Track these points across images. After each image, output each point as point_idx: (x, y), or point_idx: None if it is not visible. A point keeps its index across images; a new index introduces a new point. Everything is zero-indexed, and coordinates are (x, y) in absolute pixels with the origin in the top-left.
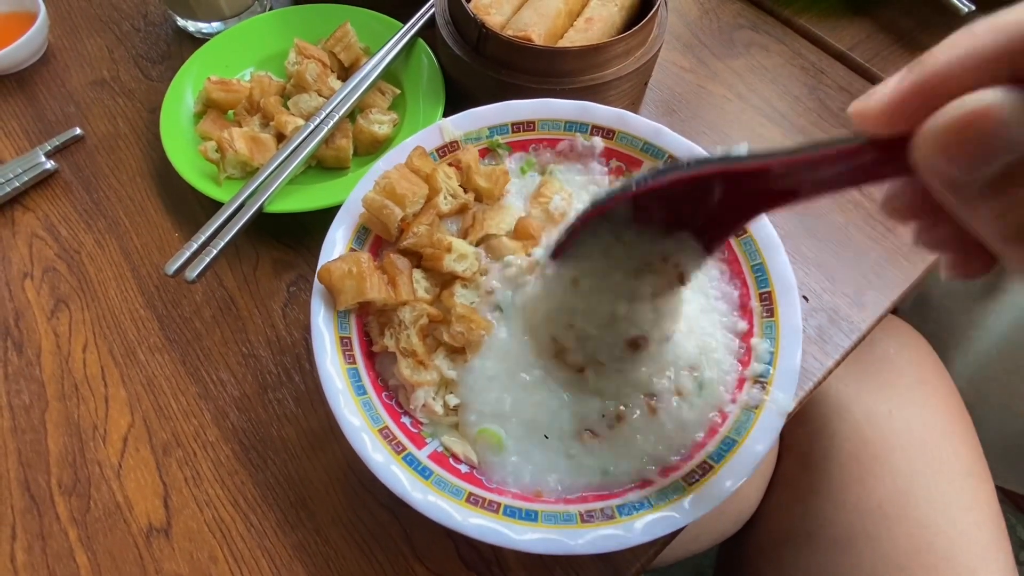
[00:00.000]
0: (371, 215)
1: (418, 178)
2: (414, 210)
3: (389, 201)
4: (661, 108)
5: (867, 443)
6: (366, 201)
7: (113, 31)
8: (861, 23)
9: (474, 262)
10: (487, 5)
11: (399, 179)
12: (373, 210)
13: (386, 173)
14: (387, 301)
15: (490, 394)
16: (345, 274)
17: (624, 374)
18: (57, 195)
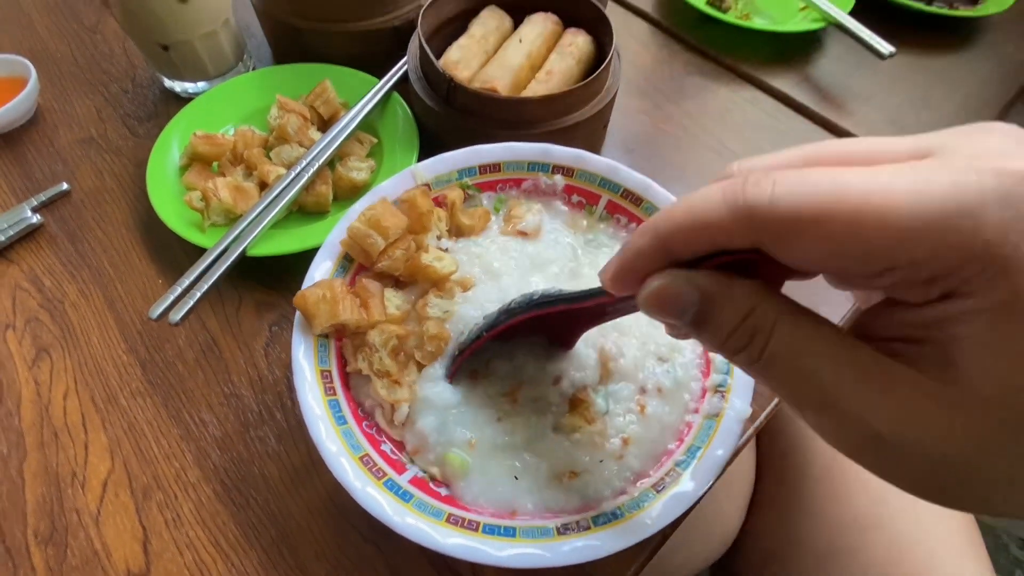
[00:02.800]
0: (354, 242)
1: (400, 213)
2: (394, 239)
3: (373, 231)
4: (621, 148)
5: (837, 458)
6: (351, 230)
7: (102, 93)
8: (796, 68)
9: (451, 262)
10: (455, 61)
11: (384, 213)
12: (358, 238)
13: (372, 206)
14: (359, 323)
15: (454, 427)
16: (319, 299)
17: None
18: (42, 247)
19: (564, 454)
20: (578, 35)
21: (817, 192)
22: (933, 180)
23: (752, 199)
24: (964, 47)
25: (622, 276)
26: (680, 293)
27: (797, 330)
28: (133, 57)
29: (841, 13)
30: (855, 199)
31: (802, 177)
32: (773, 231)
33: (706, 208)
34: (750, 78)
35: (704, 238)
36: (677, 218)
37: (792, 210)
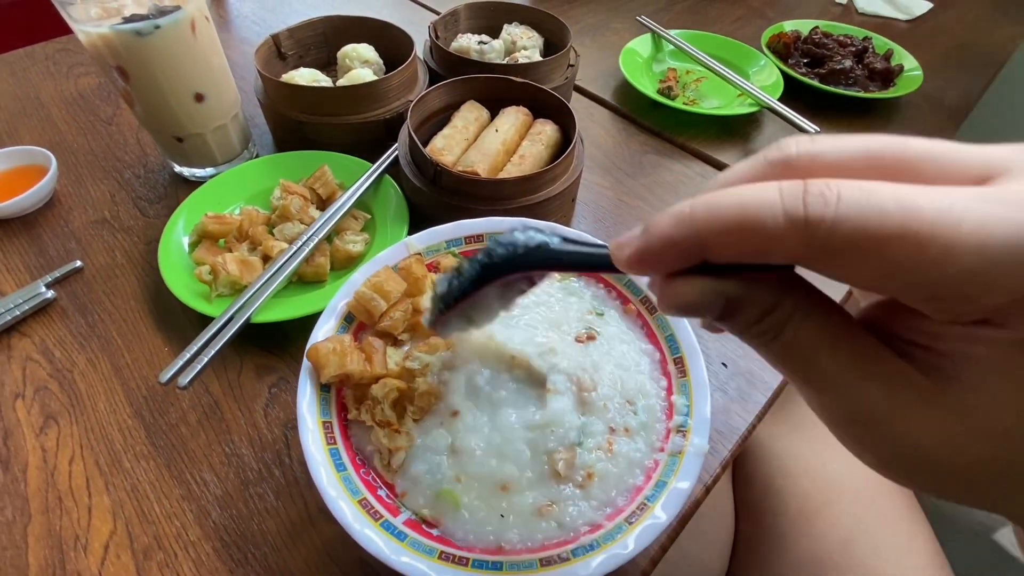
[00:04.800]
0: (359, 304)
1: (399, 278)
2: (394, 301)
3: (376, 295)
4: (589, 218)
5: (808, 497)
6: (358, 294)
7: (115, 178)
8: (738, 145)
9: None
10: (441, 148)
11: (386, 279)
12: (363, 301)
13: (377, 273)
14: (363, 374)
15: (447, 470)
16: (330, 351)
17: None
18: (54, 320)
19: (544, 487)
20: (546, 124)
21: (883, 215)
22: (1004, 219)
23: (814, 215)
24: (882, 124)
25: (643, 262)
26: (708, 304)
27: (808, 322)
28: (145, 146)
29: (772, 99)
30: (924, 230)
31: (868, 195)
32: (831, 250)
33: (760, 212)
34: (699, 154)
35: (750, 245)
36: (724, 215)
37: (856, 232)
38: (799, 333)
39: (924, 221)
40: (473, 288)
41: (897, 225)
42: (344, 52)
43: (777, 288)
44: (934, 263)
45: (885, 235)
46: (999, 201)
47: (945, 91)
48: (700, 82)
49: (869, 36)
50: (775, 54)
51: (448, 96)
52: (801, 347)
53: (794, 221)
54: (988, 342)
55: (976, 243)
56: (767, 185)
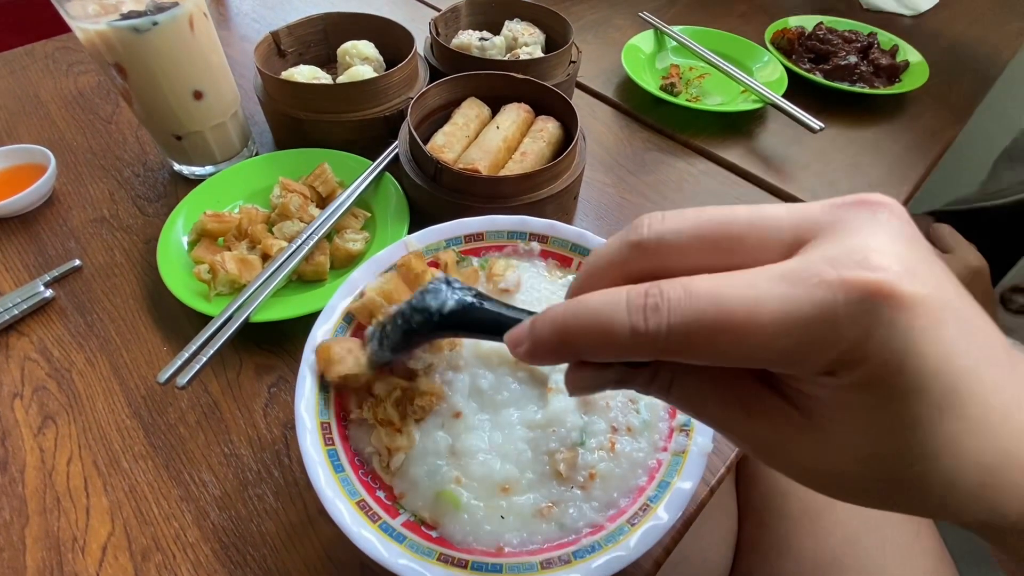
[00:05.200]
0: (367, 308)
1: (405, 285)
2: None
3: (385, 302)
4: (591, 216)
5: (813, 497)
6: (366, 299)
7: (115, 177)
8: (742, 142)
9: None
10: (441, 146)
11: (396, 288)
12: (373, 308)
13: (388, 279)
14: (369, 376)
15: (447, 471)
16: (343, 349)
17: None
18: (52, 320)
19: (543, 486)
20: (548, 121)
21: (703, 316)
22: (798, 297)
23: (652, 329)
24: (887, 120)
25: (535, 359)
26: (600, 387)
27: (688, 380)
28: (144, 144)
29: (776, 95)
30: (736, 321)
31: (690, 298)
32: (673, 350)
33: (612, 329)
34: (702, 151)
35: (611, 352)
36: (585, 327)
37: (686, 334)
38: (684, 390)
39: (735, 315)
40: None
41: (713, 322)
42: (344, 49)
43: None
44: (755, 345)
45: (708, 332)
46: (793, 279)
47: (951, 87)
48: (703, 79)
49: (874, 32)
50: (779, 50)
51: (449, 93)
52: (690, 400)
53: (639, 334)
54: (830, 387)
55: (778, 323)
56: (617, 296)
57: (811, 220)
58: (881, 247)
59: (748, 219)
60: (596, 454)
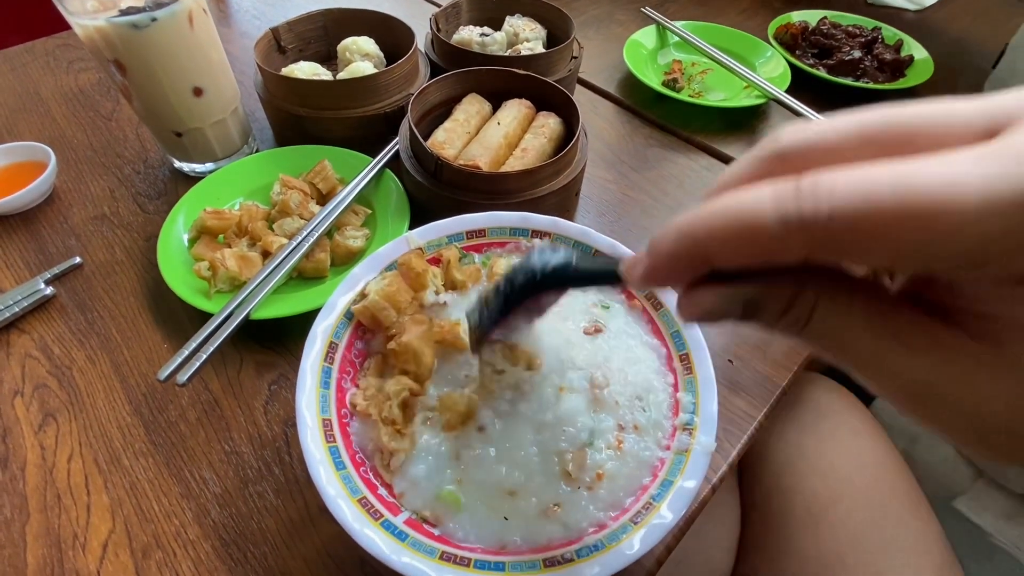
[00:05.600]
0: (372, 312)
1: (409, 288)
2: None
3: (388, 304)
4: (592, 213)
5: (816, 495)
6: (371, 303)
7: (115, 174)
8: (745, 137)
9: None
10: (442, 142)
11: (399, 289)
12: (376, 310)
13: (391, 282)
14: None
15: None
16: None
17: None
18: (53, 317)
19: (550, 488)
20: (549, 117)
21: (882, 200)
22: (1009, 176)
23: (809, 214)
24: None
25: (652, 278)
26: (726, 311)
27: (834, 307)
28: (145, 141)
29: (779, 91)
30: (926, 205)
31: (861, 181)
32: (835, 244)
33: (754, 218)
34: (705, 147)
35: (753, 252)
36: (720, 225)
37: (855, 222)
38: (828, 319)
39: (925, 197)
40: (502, 316)
41: (896, 207)
42: (344, 45)
43: (795, 279)
44: (946, 237)
45: (886, 219)
46: (1002, 158)
47: (956, 82)
48: (706, 74)
49: (879, 26)
50: (782, 45)
51: (449, 89)
52: (834, 332)
53: (790, 223)
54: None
55: (984, 207)
56: (760, 188)
57: (1004, 106)
58: None
59: (926, 111)
60: (604, 453)
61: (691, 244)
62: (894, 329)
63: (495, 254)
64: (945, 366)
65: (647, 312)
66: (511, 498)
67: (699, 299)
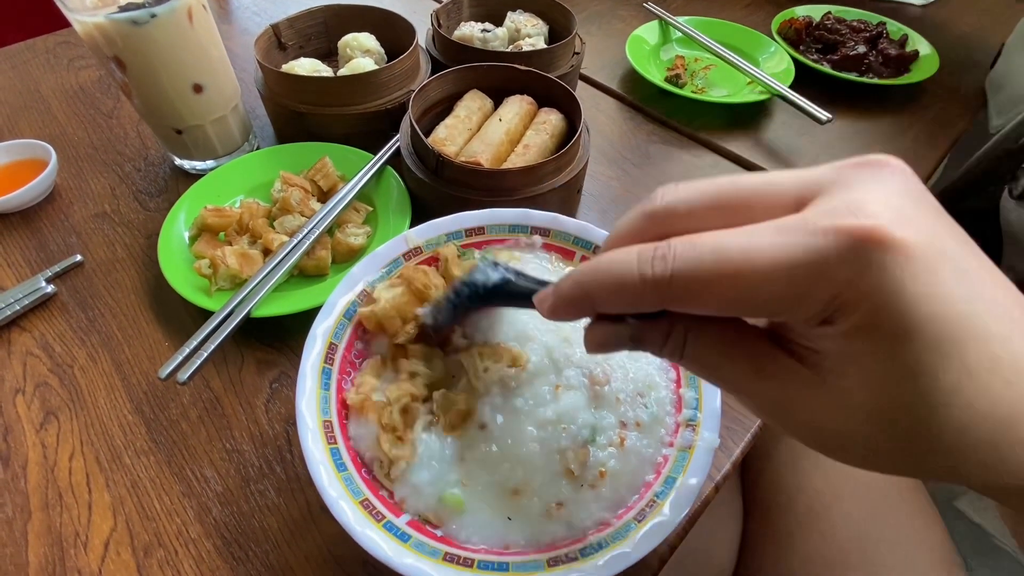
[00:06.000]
0: (379, 319)
1: (415, 298)
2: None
3: (396, 314)
4: (595, 210)
5: (819, 492)
6: (379, 310)
7: (116, 172)
8: (748, 134)
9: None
10: (443, 139)
11: (408, 300)
12: (384, 319)
13: (402, 292)
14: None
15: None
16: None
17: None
18: (54, 315)
19: (553, 486)
20: (551, 113)
21: (703, 263)
22: (792, 244)
23: (659, 274)
24: (896, 111)
25: (554, 315)
26: (615, 343)
27: (701, 339)
28: (146, 139)
29: (783, 86)
30: (733, 267)
31: (694, 248)
32: (678, 296)
33: (623, 276)
34: (708, 144)
35: (624, 300)
36: (600, 280)
37: (688, 280)
38: (697, 349)
39: (732, 262)
40: (453, 321)
41: (713, 269)
42: (345, 41)
43: (669, 317)
44: (748, 292)
45: (707, 278)
46: (791, 231)
47: (961, 77)
48: (709, 70)
49: (883, 21)
50: (786, 40)
51: (451, 85)
52: (703, 359)
53: (646, 281)
54: (832, 336)
55: (770, 270)
56: (630, 251)
57: (814, 181)
58: (877, 198)
59: (755, 183)
60: (607, 451)
61: (582, 292)
62: (749, 358)
63: (496, 248)
64: (786, 388)
65: None
66: (515, 497)
67: (594, 334)
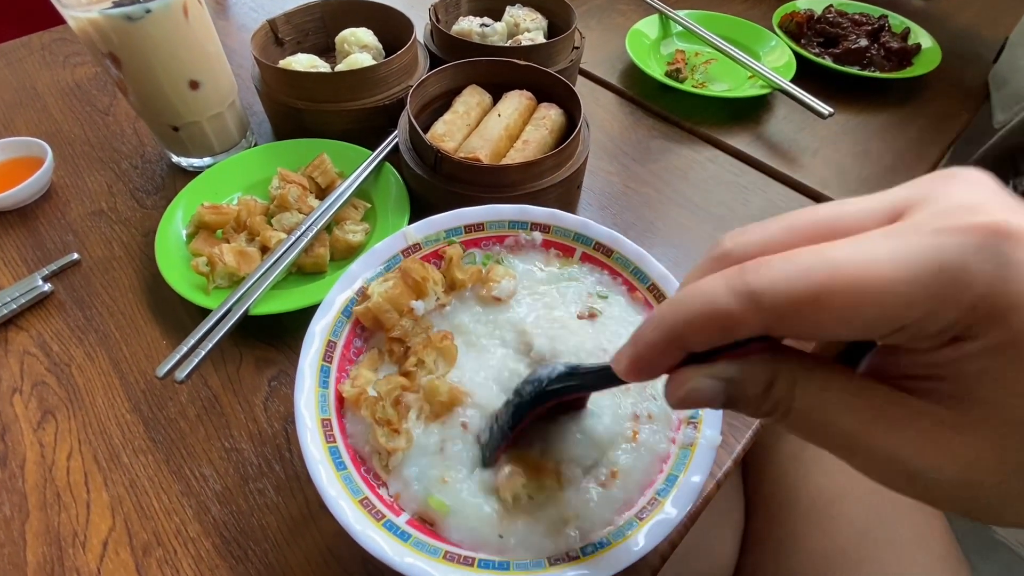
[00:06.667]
0: (374, 314)
1: (410, 291)
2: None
3: (391, 307)
4: (595, 206)
5: (821, 489)
6: (373, 305)
7: (113, 169)
8: (749, 128)
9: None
10: (442, 135)
11: (402, 292)
12: (379, 312)
13: (395, 284)
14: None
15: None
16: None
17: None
18: (51, 314)
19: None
20: (551, 108)
21: (811, 274)
22: (915, 246)
23: (756, 287)
24: (898, 105)
25: (638, 369)
26: (707, 391)
27: (811, 386)
28: (143, 136)
29: (784, 80)
30: (848, 275)
31: (791, 259)
32: (780, 315)
33: (713, 300)
34: (709, 139)
35: (715, 329)
36: (685, 311)
37: (792, 291)
38: (808, 398)
39: (847, 267)
40: (511, 430)
41: (824, 276)
42: (342, 37)
43: (771, 359)
44: (869, 302)
45: (816, 288)
46: (904, 232)
47: (963, 71)
48: (709, 64)
49: (885, 15)
50: (787, 34)
51: (449, 81)
52: (817, 412)
53: (740, 297)
54: (971, 355)
55: (896, 273)
56: (713, 276)
57: (902, 197)
58: (986, 199)
59: (833, 209)
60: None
61: (667, 331)
62: (871, 406)
63: (495, 254)
64: (924, 437)
65: (649, 304)
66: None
67: (683, 378)
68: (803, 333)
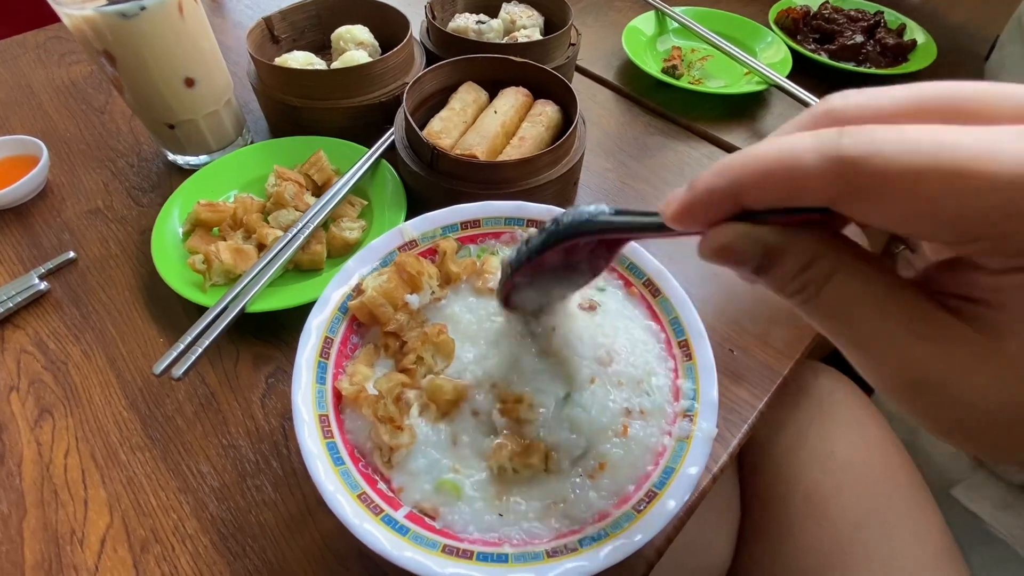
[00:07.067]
0: (369, 309)
1: (405, 284)
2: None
3: (385, 301)
4: (591, 202)
5: (817, 484)
6: (367, 299)
7: (109, 168)
8: (745, 124)
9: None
10: (438, 131)
11: (396, 286)
12: (373, 307)
13: (389, 278)
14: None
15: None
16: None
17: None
18: (48, 312)
19: (548, 489)
20: (547, 105)
21: (918, 151)
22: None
23: (848, 152)
24: None
25: (688, 214)
26: (745, 250)
27: (853, 279)
28: (139, 134)
29: (780, 76)
30: (959, 161)
31: (903, 134)
32: (865, 186)
33: (796, 155)
34: (705, 135)
35: (785, 186)
36: (763, 160)
37: (890, 167)
38: (844, 290)
39: (961, 153)
40: (539, 253)
41: (932, 159)
42: (338, 34)
43: (818, 240)
44: (971, 195)
45: (922, 169)
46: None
47: (959, 67)
48: (706, 61)
49: (881, 11)
50: (783, 30)
51: (445, 78)
52: (846, 305)
53: (827, 158)
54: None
55: (1013, 177)
56: (805, 133)
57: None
58: None
59: (976, 88)
60: (610, 441)
61: (731, 179)
62: (906, 313)
63: (490, 247)
64: (944, 356)
65: (644, 299)
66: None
67: (723, 232)
68: (877, 216)
